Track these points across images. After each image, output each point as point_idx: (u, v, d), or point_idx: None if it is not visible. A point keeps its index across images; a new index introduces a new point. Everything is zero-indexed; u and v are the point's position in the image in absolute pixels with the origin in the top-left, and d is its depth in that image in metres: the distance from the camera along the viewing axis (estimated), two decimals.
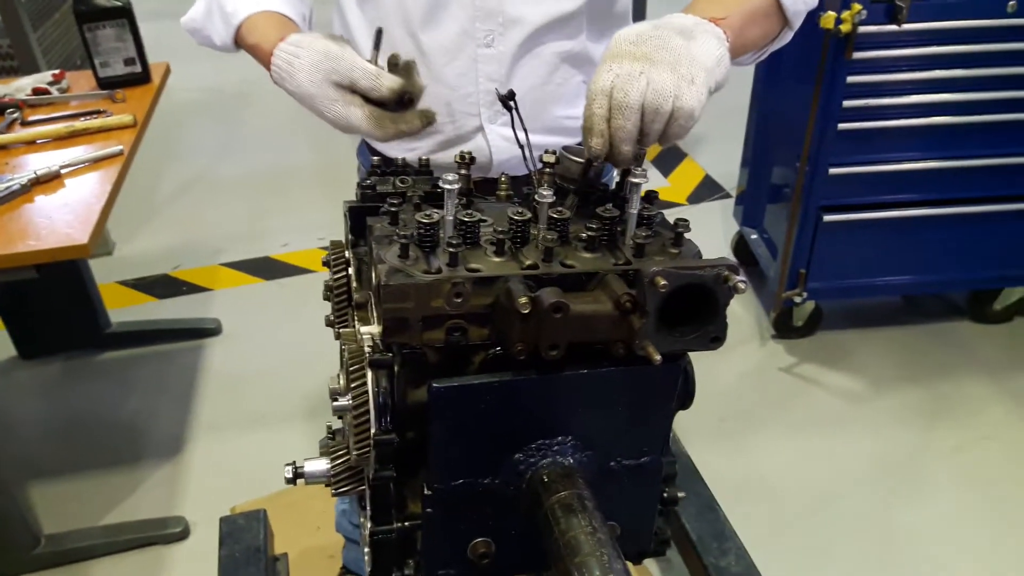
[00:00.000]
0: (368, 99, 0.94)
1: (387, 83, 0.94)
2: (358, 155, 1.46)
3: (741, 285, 0.65)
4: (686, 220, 0.76)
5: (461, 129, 1.22)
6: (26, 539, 2.06)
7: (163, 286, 3.21)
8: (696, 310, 0.69)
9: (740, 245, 3.03)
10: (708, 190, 3.62)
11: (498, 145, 1.22)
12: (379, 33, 1.02)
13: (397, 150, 1.26)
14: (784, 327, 2.70)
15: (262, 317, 3.00)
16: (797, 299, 2.56)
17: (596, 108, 0.81)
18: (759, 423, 2.45)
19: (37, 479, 2.36)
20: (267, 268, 3.27)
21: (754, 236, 2.92)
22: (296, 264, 3.27)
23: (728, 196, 3.52)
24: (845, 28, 2.11)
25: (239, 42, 1.11)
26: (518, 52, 1.16)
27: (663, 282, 0.64)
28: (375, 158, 0.97)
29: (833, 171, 2.37)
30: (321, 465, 0.82)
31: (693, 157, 3.88)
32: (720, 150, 3.83)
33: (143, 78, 2.25)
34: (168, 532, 2.17)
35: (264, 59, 1.02)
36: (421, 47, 1.16)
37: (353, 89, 0.93)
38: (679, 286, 0.65)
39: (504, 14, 1.13)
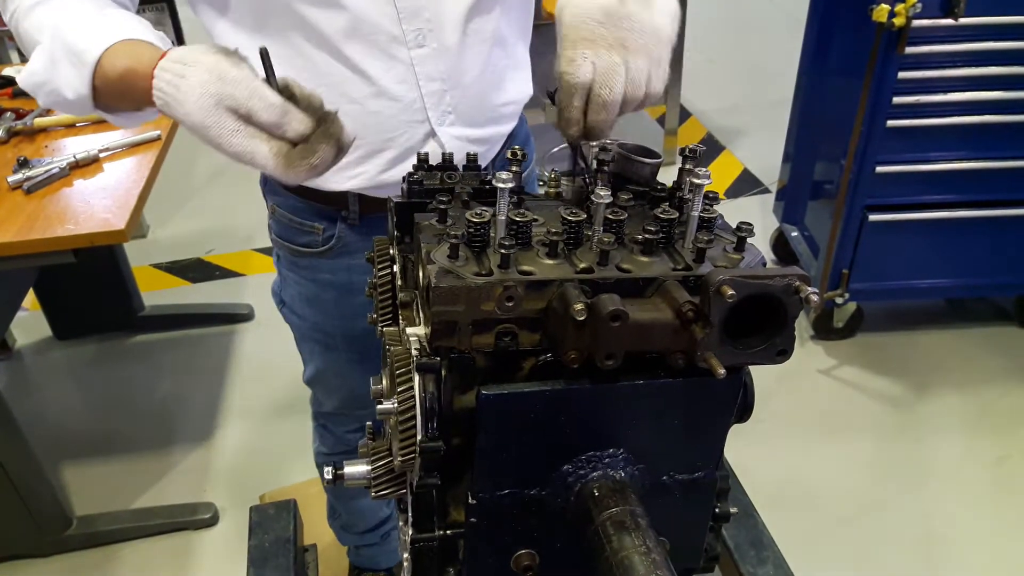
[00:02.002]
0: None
1: (296, 124, 0.78)
2: (265, 194, 1.35)
3: (813, 297, 0.62)
4: (750, 224, 0.72)
5: (412, 140, 1.16)
6: (58, 520, 2.08)
7: (196, 270, 3.22)
8: (761, 321, 0.65)
9: (780, 242, 2.97)
10: (747, 184, 3.56)
11: (452, 146, 1.16)
12: (265, 54, 0.81)
13: (337, 179, 1.17)
14: (824, 328, 2.65)
15: None
16: (839, 300, 2.50)
17: (576, 102, 0.78)
18: (797, 426, 2.40)
19: (69, 460, 2.38)
20: None
21: (795, 233, 2.86)
22: None
23: (767, 191, 3.46)
24: (898, 21, 2.04)
25: (99, 84, 0.87)
26: (452, 44, 1.10)
27: (730, 292, 0.61)
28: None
29: (880, 169, 2.31)
30: (361, 468, 0.80)
31: (732, 150, 3.81)
32: (760, 144, 3.77)
33: None
34: (197, 518, 2.18)
35: (142, 85, 0.82)
36: (351, 63, 1.08)
37: (251, 121, 0.77)
38: (747, 296, 0.62)
39: (428, 8, 1.07)
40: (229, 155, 0.79)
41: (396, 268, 0.86)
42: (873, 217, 2.39)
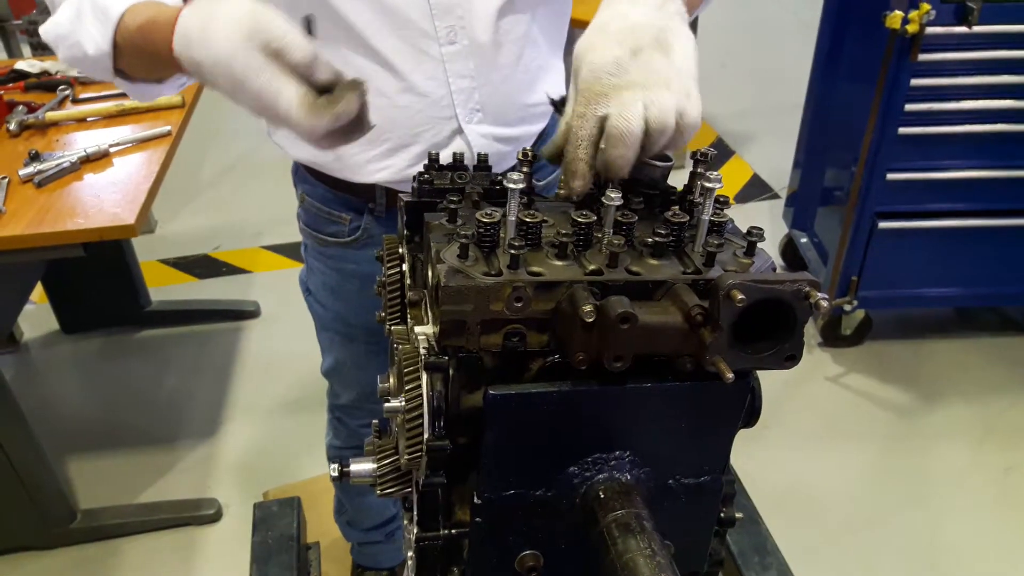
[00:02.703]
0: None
1: (325, 68, 0.76)
2: (295, 183, 1.35)
3: (823, 303, 0.61)
4: (760, 229, 0.72)
5: (439, 136, 1.16)
6: (63, 513, 2.09)
7: (203, 266, 3.23)
8: (770, 326, 0.65)
9: (789, 248, 2.96)
10: (756, 190, 3.55)
11: (479, 144, 1.17)
12: (308, 21, 0.80)
13: (365, 171, 1.18)
14: (832, 335, 2.64)
15: (300, 301, 2.99)
16: (847, 307, 2.50)
17: (581, 154, 0.74)
18: (804, 433, 2.39)
19: (74, 453, 2.39)
20: None
21: (804, 239, 2.85)
22: None
23: (777, 197, 3.45)
24: (912, 29, 2.03)
25: (120, 42, 0.88)
26: (484, 42, 1.11)
27: (740, 296, 0.60)
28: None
29: (891, 176, 2.30)
30: (367, 466, 0.80)
31: (741, 155, 3.80)
32: (770, 149, 3.76)
33: None
34: (201, 514, 2.18)
35: (161, 35, 0.80)
36: (381, 57, 1.09)
37: (281, 60, 0.74)
38: (756, 300, 0.61)
39: (461, 5, 1.08)
40: (252, 95, 0.75)
41: (405, 267, 0.86)
42: (883, 224, 2.38)
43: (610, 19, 0.78)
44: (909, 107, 2.19)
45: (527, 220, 0.69)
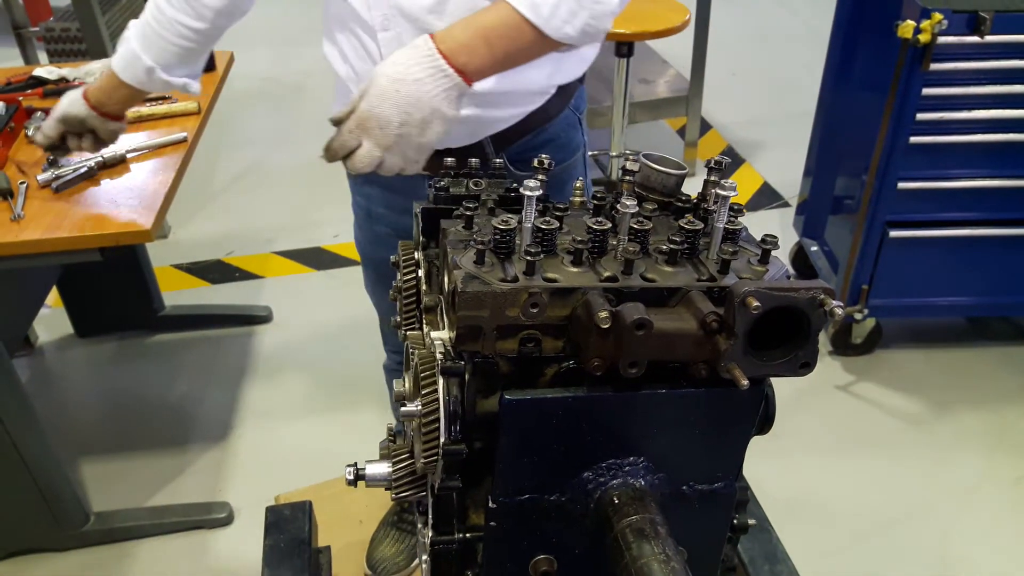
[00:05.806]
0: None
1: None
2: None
3: (838, 310, 0.62)
4: (775, 236, 0.73)
5: None
6: (77, 516, 2.10)
7: (216, 271, 3.24)
8: (785, 333, 0.65)
9: (799, 257, 2.96)
10: (766, 198, 3.55)
11: None
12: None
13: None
14: (842, 344, 2.63)
15: (312, 306, 3.01)
16: (858, 316, 2.49)
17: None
18: (814, 442, 2.38)
19: (87, 456, 2.40)
20: (318, 258, 3.29)
21: (814, 248, 2.85)
22: (346, 256, 3.28)
23: (787, 205, 3.45)
24: (924, 38, 2.03)
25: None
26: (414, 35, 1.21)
27: (755, 303, 0.61)
28: (449, 159, 0.92)
29: (902, 185, 2.29)
30: (382, 469, 0.81)
31: (752, 163, 3.80)
32: (780, 157, 3.76)
33: (208, 66, 2.27)
34: (213, 517, 2.19)
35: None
36: (340, 50, 1.33)
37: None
38: (772, 308, 0.62)
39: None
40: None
41: (421, 273, 0.87)
42: (894, 233, 2.37)
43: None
44: (920, 116, 2.19)
45: (543, 227, 0.70)
